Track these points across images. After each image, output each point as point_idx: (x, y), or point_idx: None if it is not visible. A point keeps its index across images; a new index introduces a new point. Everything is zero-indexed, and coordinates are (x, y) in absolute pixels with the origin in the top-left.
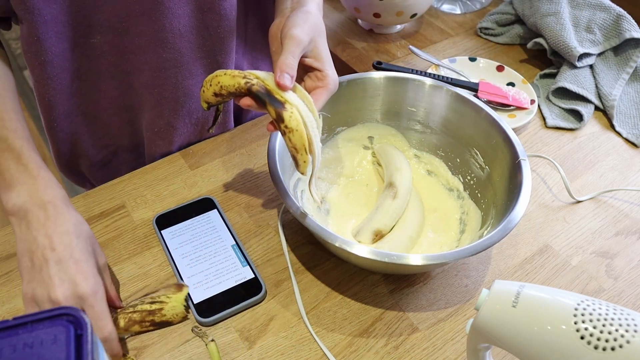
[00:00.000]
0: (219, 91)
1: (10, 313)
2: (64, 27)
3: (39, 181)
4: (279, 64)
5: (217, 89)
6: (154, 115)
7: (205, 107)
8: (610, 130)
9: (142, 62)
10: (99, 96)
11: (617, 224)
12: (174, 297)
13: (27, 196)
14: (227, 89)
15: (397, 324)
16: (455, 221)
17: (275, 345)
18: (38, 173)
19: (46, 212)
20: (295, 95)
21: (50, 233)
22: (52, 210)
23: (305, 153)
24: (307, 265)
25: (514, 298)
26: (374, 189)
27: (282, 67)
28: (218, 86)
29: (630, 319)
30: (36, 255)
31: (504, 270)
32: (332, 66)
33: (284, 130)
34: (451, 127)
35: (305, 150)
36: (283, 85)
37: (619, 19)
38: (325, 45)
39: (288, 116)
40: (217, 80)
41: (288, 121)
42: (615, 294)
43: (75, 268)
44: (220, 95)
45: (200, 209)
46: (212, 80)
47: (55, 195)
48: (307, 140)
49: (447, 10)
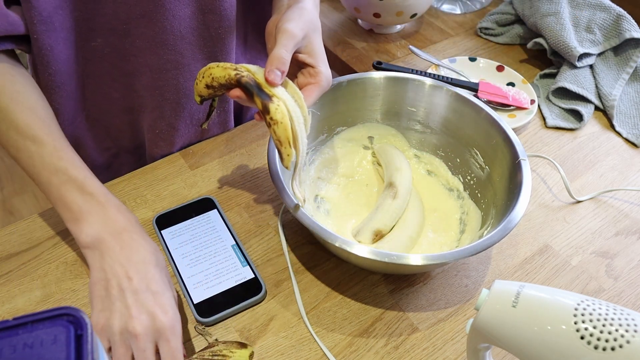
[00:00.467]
0: (210, 83)
1: (10, 313)
2: (68, 32)
3: (108, 208)
4: (270, 59)
5: (208, 81)
6: (155, 117)
7: (198, 100)
8: (610, 130)
9: (143, 64)
10: (101, 99)
11: (617, 224)
12: (239, 353)
13: (99, 225)
14: (218, 80)
15: (397, 324)
16: (455, 221)
17: (275, 345)
18: (106, 200)
19: (121, 241)
20: (284, 90)
21: (126, 262)
22: (128, 238)
23: (289, 147)
24: (307, 265)
25: (514, 298)
26: (374, 189)
27: (273, 62)
28: (210, 78)
29: (630, 319)
30: (111, 284)
31: (504, 270)
32: (325, 63)
33: (269, 122)
34: (451, 127)
35: (289, 143)
36: (271, 82)
37: (619, 19)
38: (320, 42)
39: (274, 108)
40: (210, 72)
41: (273, 113)
42: (615, 294)
43: (154, 300)
44: (212, 87)
45: (200, 209)
46: (204, 72)
47: (128, 221)
48: (291, 135)
49: (447, 10)
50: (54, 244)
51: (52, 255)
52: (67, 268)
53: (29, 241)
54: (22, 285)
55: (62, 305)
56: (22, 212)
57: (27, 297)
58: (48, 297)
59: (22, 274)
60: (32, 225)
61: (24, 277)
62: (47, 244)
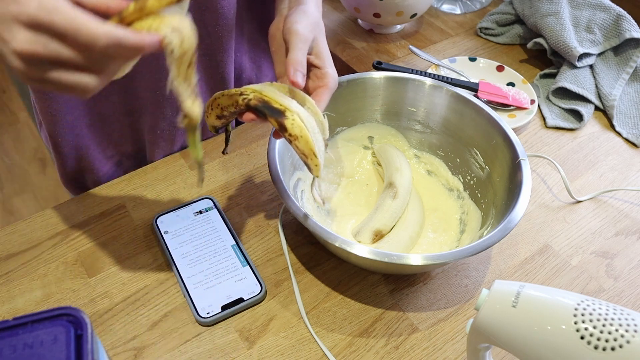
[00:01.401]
0: (220, 113)
1: (10, 313)
2: None
3: None
4: (290, 62)
5: (218, 112)
6: (157, 117)
7: (213, 131)
8: (610, 130)
9: (142, 65)
10: (101, 104)
11: (617, 224)
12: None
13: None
14: (227, 109)
15: (397, 324)
16: (455, 221)
17: (275, 345)
18: None
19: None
20: (294, 101)
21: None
22: None
23: (315, 157)
24: (307, 265)
25: (514, 298)
26: (374, 189)
27: (294, 65)
28: (219, 109)
29: (630, 319)
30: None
31: (504, 270)
32: (332, 64)
33: (289, 139)
34: (451, 127)
35: (314, 154)
36: (297, 83)
37: (619, 19)
38: (325, 44)
39: (290, 124)
40: (217, 102)
41: (291, 129)
42: (615, 294)
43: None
44: (223, 117)
45: (200, 209)
46: (211, 104)
47: None
48: (314, 145)
49: (447, 10)
50: (54, 244)
51: (52, 255)
52: (67, 268)
53: (29, 241)
54: (22, 285)
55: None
56: (22, 212)
57: (27, 297)
58: (48, 297)
59: (22, 274)
60: (32, 225)
61: (24, 277)
62: (47, 244)
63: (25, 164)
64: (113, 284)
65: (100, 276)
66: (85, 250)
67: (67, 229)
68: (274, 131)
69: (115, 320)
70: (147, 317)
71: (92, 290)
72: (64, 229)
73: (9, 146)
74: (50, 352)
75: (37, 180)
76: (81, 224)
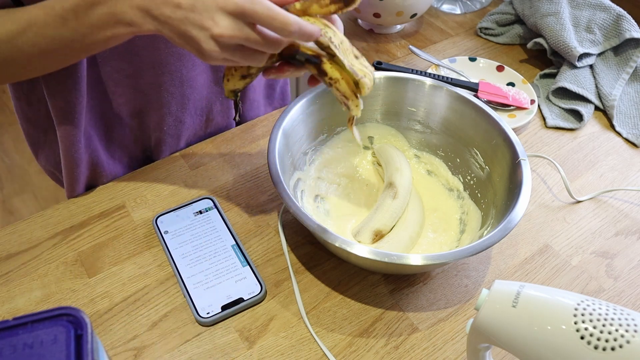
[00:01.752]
0: (247, 72)
1: (10, 313)
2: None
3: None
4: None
5: (244, 71)
6: (163, 114)
7: (232, 96)
8: (610, 130)
9: (145, 62)
10: (107, 106)
11: (617, 224)
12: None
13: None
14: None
15: (397, 324)
16: (455, 221)
17: (275, 345)
18: None
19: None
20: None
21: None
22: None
23: (356, 97)
24: (307, 265)
25: (514, 298)
26: (374, 189)
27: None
28: (245, 67)
29: (630, 319)
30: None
31: (504, 270)
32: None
33: (329, 83)
34: (451, 127)
35: (355, 94)
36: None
37: (619, 19)
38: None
39: (329, 68)
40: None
41: (331, 72)
42: (615, 294)
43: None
44: (249, 76)
45: (200, 209)
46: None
47: None
48: (353, 84)
49: (447, 10)
50: (54, 244)
51: (52, 255)
52: (67, 268)
53: (29, 241)
54: (22, 285)
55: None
56: (22, 212)
57: (27, 297)
58: (48, 297)
59: (22, 274)
60: (32, 225)
61: (24, 277)
62: (47, 244)
63: (25, 164)
64: (113, 284)
65: (100, 276)
66: (85, 250)
67: (67, 229)
68: (309, 77)
69: (115, 320)
70: (147, 317)
71: (92, 290)
72: (64, 229)
73: (9, 146)
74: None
75: (37, 180)
76: (81, 224)
